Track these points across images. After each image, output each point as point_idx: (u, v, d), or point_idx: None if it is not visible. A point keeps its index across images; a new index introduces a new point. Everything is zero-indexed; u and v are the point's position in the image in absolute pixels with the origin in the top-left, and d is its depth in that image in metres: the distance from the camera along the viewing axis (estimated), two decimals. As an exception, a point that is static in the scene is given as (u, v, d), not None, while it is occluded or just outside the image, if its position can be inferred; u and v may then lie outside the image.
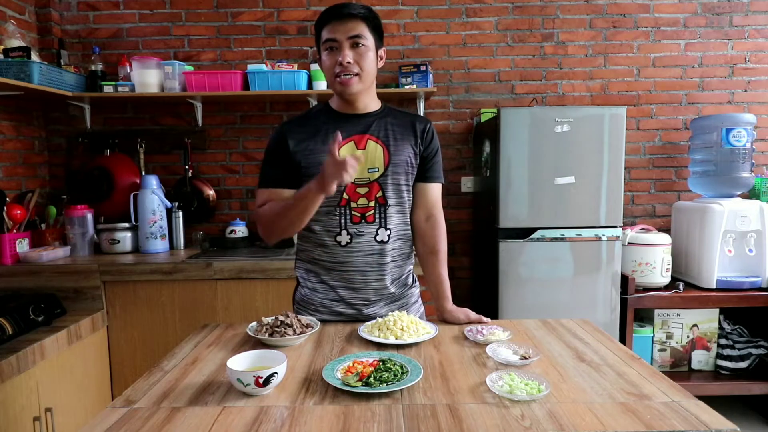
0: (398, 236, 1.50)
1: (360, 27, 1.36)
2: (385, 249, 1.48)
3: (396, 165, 1.45)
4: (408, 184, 1.49)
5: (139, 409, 1.02)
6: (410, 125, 1.49)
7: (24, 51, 2.36)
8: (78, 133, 2.93)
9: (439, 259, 1.56)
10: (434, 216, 1.55)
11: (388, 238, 1.47)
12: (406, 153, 1.46)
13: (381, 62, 1.45)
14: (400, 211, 1.49)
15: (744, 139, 2.59)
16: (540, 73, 2.98)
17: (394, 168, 1.45)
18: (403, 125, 1.49)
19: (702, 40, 2.96)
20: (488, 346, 1.28)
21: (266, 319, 1.44)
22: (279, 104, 2.98)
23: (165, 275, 2.37)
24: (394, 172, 1.45)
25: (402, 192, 1.48)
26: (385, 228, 1.47)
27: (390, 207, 1.46)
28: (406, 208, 1.50)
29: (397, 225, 1.49)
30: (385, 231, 1.47)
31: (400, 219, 1.49)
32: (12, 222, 2.41)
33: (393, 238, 1.49)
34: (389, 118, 1.49)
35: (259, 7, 2.93)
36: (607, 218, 2.46)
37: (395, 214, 1.48)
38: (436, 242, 1.55)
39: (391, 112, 1.51)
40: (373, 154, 1.44)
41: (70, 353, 2.14)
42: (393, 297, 1.54)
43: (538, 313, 2.45)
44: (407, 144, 1.47)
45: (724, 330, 2.63)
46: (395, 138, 1.46)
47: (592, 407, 0.98)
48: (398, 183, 1.46)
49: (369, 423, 0.94)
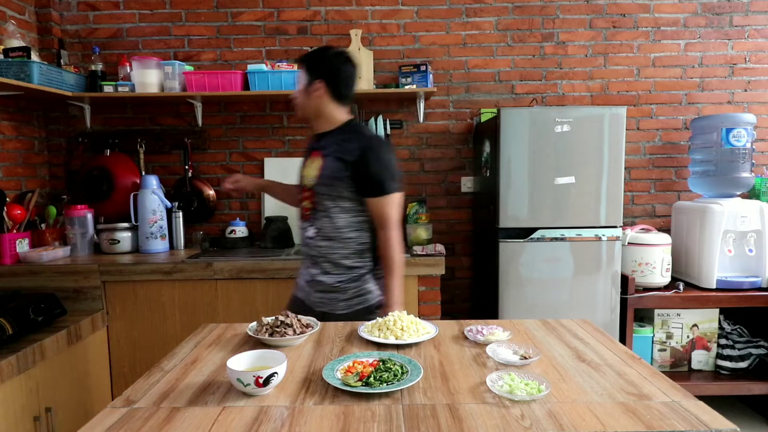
0: (326, 236, 1.71)
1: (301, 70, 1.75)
2: (311, 244, 1.74)
3: (324, 177, 1.69)
4: (332, 195, 1.68)
5: (139, 409, 1.02)
6: (350, 146, 1.68)
7: (24, 51, 2.35)
8: (78, 133, 2.93)
9: (386, 266, 1.72)
10: (380, 227, 1.71)
11: (315, 236, 1.73)
12: (334, 168, 1.67)
13: (317, 92, 1.71)
14: (326, 216, 1.70)
15: (744, 139, 2.59)
16: (540, 73, 2.98)
17: (322, 180, 1.69)
18: (344, 145, 1.69)
19: (702, 40, 2.96)
20: (488, 346, 1.28)
21: (266, 319, 1.45)
22: (279, 104, 2.98)
23: (165, 275, 2.37)
24: (321, 183, 1.69)
25: (326, 200, 1.69)
26: (314, 227, 1.73)
27: (318, 211, 1.71)
28: (332, 214, 1.70)
29: (325, 227, 1.71)
30: (313, 229, 1.73)
31: (328, 222, 1.70)
32: (12, 222, 2.41)
33: (319, 237, 1.72)
34: (339, 138, 1.72)
35: (259, 7, 2.93)
36: (607, 218, 2.46)
37: (323, 218, 1.71)
38: (383, 251, 1.72)
39: (345, 134, 1.72)
40: (315, 166, 1.72)
41: (70, 353, 2.14)
42: (324, 287, 1.74)
43: (538, 313, 2.45)
44: (339, 161, 1.67)
45: (724, 330, 2.63)
46: (332, 155, 1.69)
47: (592, 407, 0.98)
48: (324, 192, 1.69)
49: (369, 423, 0.94)
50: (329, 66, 1.72)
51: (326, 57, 1.74)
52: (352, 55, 1.79)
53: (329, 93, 1.71)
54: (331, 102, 1.72)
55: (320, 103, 1.72)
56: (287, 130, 2.99)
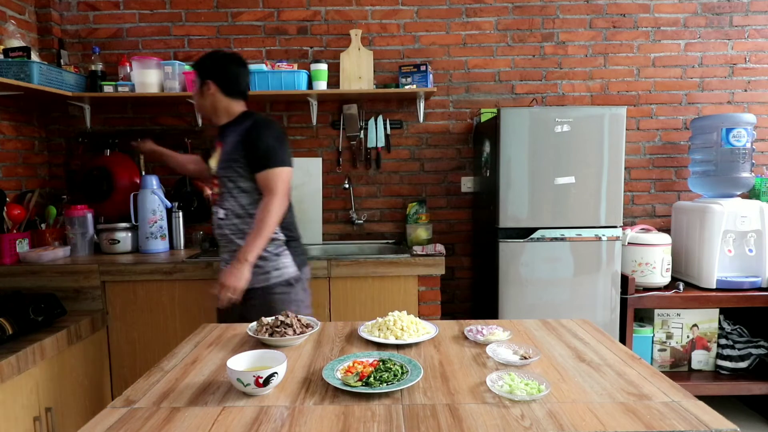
0: (235, 215, 1.89)
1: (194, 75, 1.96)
2: (224, 224, 1.91)
3: (222, 161, 1.90)
4: (231, 176, 1.87)
5: (139, 409, 1.02)
6: (241, 128, 1.88)
7: (24, 51, 2.35)
8: (78, 133, 2.93)
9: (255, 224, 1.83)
10: (264, 194, 1.85)
11: (225, 216, 1.90)
12: (229, 151, 1.88)
13: (209, 92, 1.91)
14: (231, 196, 1.89)
15: (744, 139, 2.59)
16: (540, 73, 2.98)
17: (222, 165, 1.90)
18: (237, 129, 1.89)
19: (702, 40, 2.96)
20: (488, 346, 1.28)
21: (266, 319, 1.45)
22: (279, 104, 2.98)
23: (165, 275, 2.37)
24: (221, 168, 1.90)
25: (228, 182, 1.89)
26: (223, 208, 1.91)
27: (224, 194, 1.91)
28: (235, 194, 1.88)
29: (232, 207, 1.89)
30: (222, 210, 1.91)
31: (234, 202, 1.89)
32: (12, 222, 2.41)
33: (230, 217, 1.90)
34: (235, 126, 1.92)
35: (259, 7, 2.94)
36: (607, 218, 2.46)
37: (229, 199, 1.90)
38: (258, 212, 1.84)
39: (240, 122, 1.92)
40: (217, 155, 1.95)
41: (70, 353, 2.14)
42: None
43: (538, 313, 2.45)
44: (233, 144, 1.87)
45: (724, 330, 2.63)
46: (229, 143, 1.89)
47: (592, 407, 0.98)
48: (224, 176, 1.90)
49: (369, 423, 0.94)
50: (216, 68, 1.93)
51: (213, 60, 1.94)
52: (238, 55, 1.99)
53: (221, 91, 1.92)
54: (224, 98, 1.93)
55: (214, 101, 1.93)
56: (287, 130, 2.99)
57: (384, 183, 3.02)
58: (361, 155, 3.00)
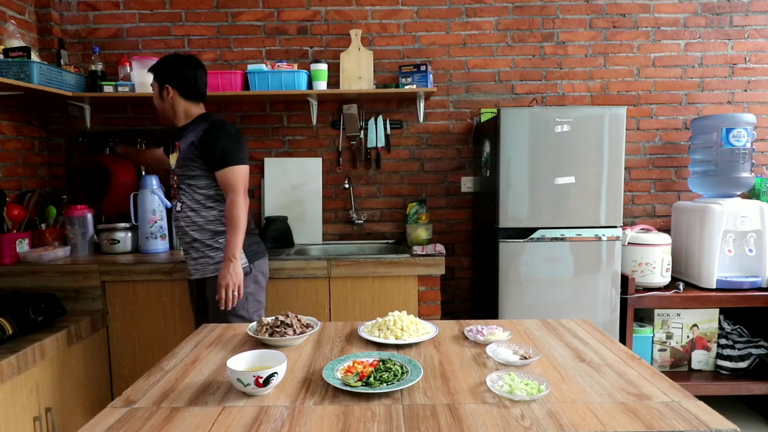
0: (190, 208, 2.02)
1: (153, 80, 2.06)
2: (180, 217, 2.04)
3: (179, 160, 2.02)
4: (188, 174, 1.99)
5: (139, 409, 1.02)
6: (198, 130, 1.99)
7: (24, 51, 2.35)
8: (78, 133, 2.93)
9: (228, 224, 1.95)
10: (227, 193, 1.97)
11: (181, 209, 2.03)
12: (187, 151, 1.99)
13: (168, 96, 2.02)
14: (186, 192, 2.01)
15: (744, 139, 2.59)
16: (540, 73, 2.98)
17: (178, 162, 2.02)
18: (195, 131, 2.00)
19: (702, 40, 2.96)
20: (488, 346, 1.28)
21: (266, 319, 1.45)
22: (279, 104, 2.98)
23: (165, 275, 2.37)
24: (179, 166, 2.02)
25: (185, 179, 2.00)
26: (180, 202, 2.04)
27: (180, 189, 2.03)
28: (190, 190, 2.00)
29: (187, 201, 2.01)
30: (179, 204, 2.04)
31: (189, 197, 2.01)
32: (12, 222, 2.41)
33: (185, 210, 2.02)
34: (193, 127, 2.02)
35: (259, 7, 2.94)
36: (607, 218, 2.46)
37: (185, 194, 2.02)
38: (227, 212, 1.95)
39: (197, 123, 2.03)
40: (176, 153, 2.05)
41: (70, 353, 2.14)
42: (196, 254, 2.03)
43: (538, 313, 2.45)
44: (190, 144, 1.98)
45: (724, 330, 2.63)
46: (186, 143, 2.00)
47: (592, 407, 0.99)
48: (181, 173, 2.01)
49: (369, 423, 0.94)
50: (173, 72, 2.01)
51: (171, 64, 2.03)
52: (195, 58, 2.08)
53: (179, 94, 2.02)
54: (183, 101, 2.04)
55: (174, 103, 2.04)
56: (287, 130, 3.00)
57: (384, 183, 3.02)
58: (361, 155, 3.00)
